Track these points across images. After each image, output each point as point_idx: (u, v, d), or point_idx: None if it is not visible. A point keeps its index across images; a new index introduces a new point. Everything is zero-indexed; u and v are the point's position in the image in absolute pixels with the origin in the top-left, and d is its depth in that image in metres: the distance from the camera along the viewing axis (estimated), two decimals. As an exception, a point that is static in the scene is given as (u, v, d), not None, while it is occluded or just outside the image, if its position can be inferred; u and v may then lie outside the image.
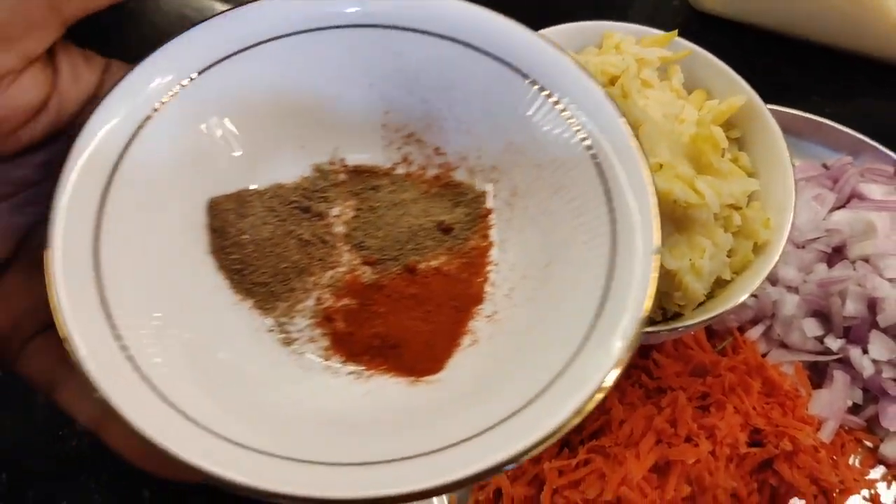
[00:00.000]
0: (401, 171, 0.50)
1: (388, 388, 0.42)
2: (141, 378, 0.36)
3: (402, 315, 0.45)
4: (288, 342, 0.44)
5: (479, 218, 0.48)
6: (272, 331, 0.44)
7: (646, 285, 0.39)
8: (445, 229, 0.48)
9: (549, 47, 0.45)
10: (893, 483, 0.61)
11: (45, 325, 0.42)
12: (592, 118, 0.44)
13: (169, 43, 0.43)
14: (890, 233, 0.67)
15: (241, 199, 0.46)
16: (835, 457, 0.61)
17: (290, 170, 0.48)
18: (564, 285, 0.42)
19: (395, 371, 0.43)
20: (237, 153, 0.46)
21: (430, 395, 0.41)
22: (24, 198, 0.42)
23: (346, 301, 0.46)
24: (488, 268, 0.47)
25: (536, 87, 0.45)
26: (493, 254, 0.47)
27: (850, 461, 0.62)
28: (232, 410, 0.37)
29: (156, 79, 0.42)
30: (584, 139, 0.44)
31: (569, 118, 0.45)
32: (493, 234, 0.48)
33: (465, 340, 0.44)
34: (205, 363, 0.39)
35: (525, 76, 0.46)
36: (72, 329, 0.35)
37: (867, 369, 0.63)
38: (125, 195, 0.40)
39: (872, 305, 0.66)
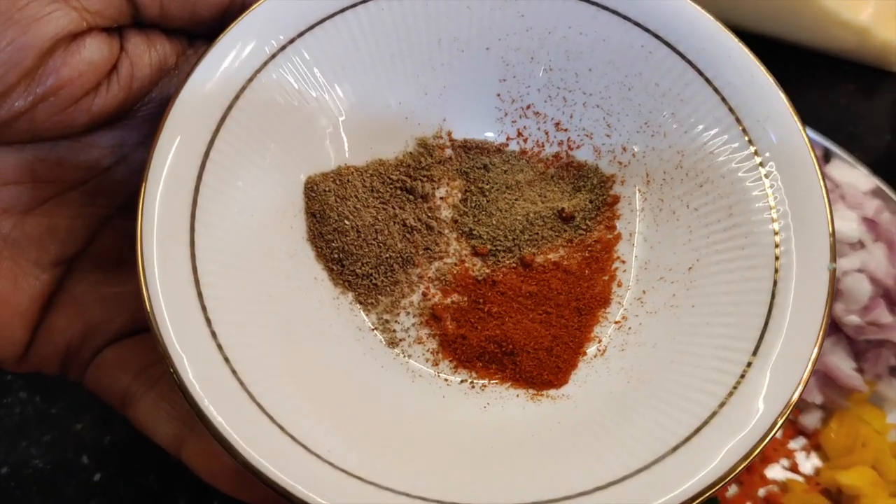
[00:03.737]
0: (514, 147, 0.44)
1: (506, 402, 0.38)
2: (249, 397, 0.32)
3: (519, 316, 0.40)
4: (393, 343, 0.39)
5: (604, 206, 0.43)
6: (375, 329, 0.40)
7: (820, 306, 0.33)
8: (566, 217, 0.42)
9: (707, 20, 0.39)
10: (812, 452, 0.61)
11: (118, 335, 0.38)
12: (754, 106, 0.38)
13: (256, 11, 0.37)
14: None
15: (340, 178, 0.41)
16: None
17: (391, 144, 0.43)
18: (714, 294, 0.37)
19: (513, 381, 0.39)
20: (342, 118, 0.41)
21: (555, 414, 0.36)
22: (96, 185, 0.38)
23: (454, 297, 0.41)
24: (615, 265, 0.41)
25: (687, 63, 0.39)
26: (622, 249, 0.42)
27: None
28: (339, 430, 0.33)
29: (243, 52, 0.37)
30: (742, 128, 0.38)
31: (725, 102, 0.38)
32: (622, 225, 0.42)
33: (591, 349, 0.39)
34: (308, 373, 0.35)
35: (672, 48, 0.39)
36: (177, 348, 0.31)
37: None
38: (219, 184, 0.36)
39: None
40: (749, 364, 0.33)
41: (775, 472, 0.60)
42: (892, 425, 0.60)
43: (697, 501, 0.30)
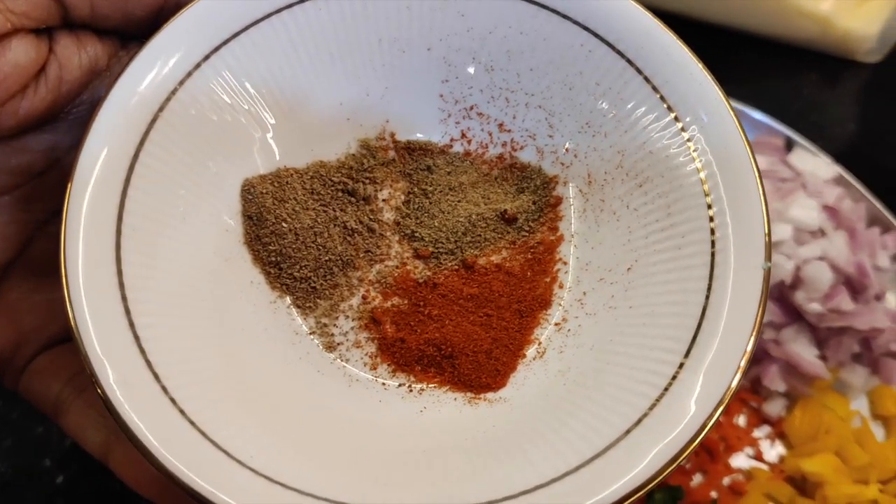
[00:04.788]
0: (458, 149, 0.44)
1: (443, 406, 0.37)
2: (170, 402, 0.31)
3: (459, 319, 0.39)
4: (330, 347, 0.39)
5: (547, 207, 0.42)
6: (313, 333, 0.39)
7: (753, 305, 0.33)
8: (509, 219, 0.42)
9: (647, 18, 0.38)
10: (777, 440, 0.61)
11: (51, 342, 0.37)
12: (691, 103, 0.37)
13: (190, 11, 0.37)
14: (769, 200, 0.62)
15: (279, 181, 0.40)
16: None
17: (333, 145, 0.43)
18: (652, 294, 0.37)
19: (451, 385, 0.38)
20: (272, 121, 0.40)
21: (492, 418, 0.36)
22: (30, 190, 0.37)
23: (395, 300, 0.40)
24: (557, 266, 0.41)
25: (626, 61, 0.39)
26: (564, 250, 0.41)
27: (738, 421, 0.62)
28: (268, 435, 0.33)
29: (168, 59, 0.36)
30: (679, 126, 0.37)
31: (663, 100, 0.38)
32: (564, 226, 0.42)
33: (531, 352, 0.39)
34: (238, 378, 0.35)
35: (612, 46, 0.39)
36: (97, 353, 0.31)
37: None
38: (148, 186, 0.35)
39: None
40: (681, 365, 0.33)
41: (740, 460, 0.60)
42: (856, 412, 0.61)
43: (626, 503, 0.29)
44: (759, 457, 0.61)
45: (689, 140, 0.37)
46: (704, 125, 0.37)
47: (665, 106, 0.38)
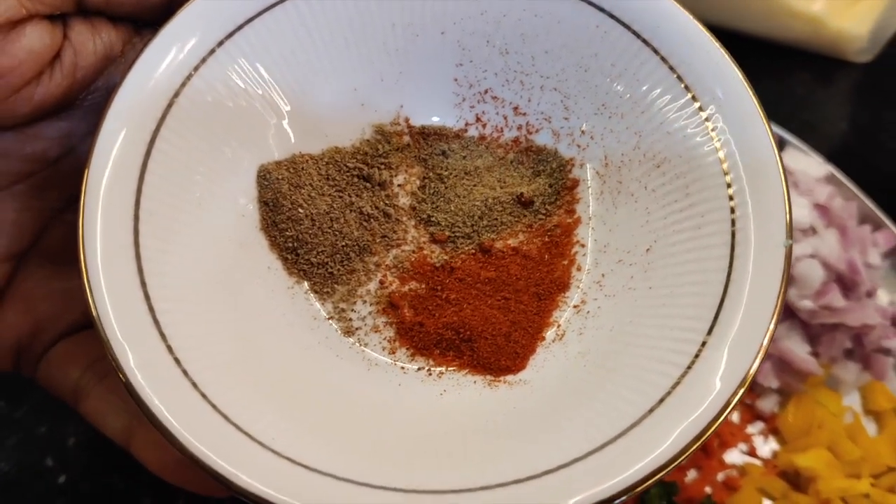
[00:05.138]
0: (473, 133, 0.44)
1: (463, 389, 0.37)
2: (191, 386, 0.31)
3: (477, 303, 0.39)
4: (349, 332, 0.39)
5: (564, 190, 0.42)
6: (331, 318, 0.39)
7: (775, 282, 0.33)
8: (525, 202, 0.42)
9: (666, 1, 0.38)
10: (770, 436, 0.62)
11: (69, 329, 0.38)
12: (709, 83, 0.37)
13: None
14: None
15: (294, 167, 0.40)
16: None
17: (348, 131, 0.42)
18: (671, 276, 0.36)
19: (471, 368, 0.38)
20: (286, 107, 0.40)
21: (512, 400, 0.36)
22: (44, 178, 0.37)
23: (412, 285, 0.40)
24: (574, 248, 0.41)
25: (642, 42, 0.38)
26: (581, 233, 0.41)
27: (732, 417, 0.62)
28: (288, 418, 0.33)
29: (182, 46, 0.36)
30: (697, 106, 0.37)
31: (680, 81, 0.38)
32: (581, 209, 0.42)
33: (550, 334, 0.39)
34: (257, 361, 0.35)
35: (627, 27, 0.39)
36: (118, 338, 0.31)
37: None
38: (165, 172, 0.35)
39: None
40: (704, 343, 0.32)
41: (734, 456, 0.61)
42: (848, 408, 0.61)
43: (649, 482, 0.29)
44: (752, 452, 0.61)
45: (707, 120, 0.37)
46: (722, 105, 0.37)
47: (682, 86, 0.38)
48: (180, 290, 0.34)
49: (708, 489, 0.58)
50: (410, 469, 0.31)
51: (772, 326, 0.32)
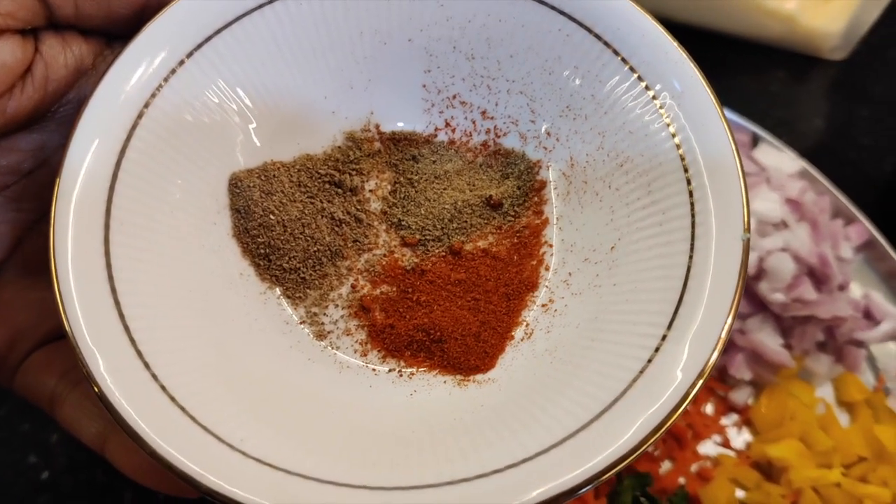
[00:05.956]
0: (443, 138, 0.45)
1: (433, 389, 0.38)
2: (160, 389, 0.31)
3: (447, 304, 0.40)
4: (321, 336, 0.39)
5: (531, 192, 0.43)
6: (303, 323, 0.39)
7: (734, 275, 0.33)
8: (494, 205, 0.42)
9: (622, 1, 0.39)
10: (743, 427, 0.63)
11: (45, 339, 0.38)
12: (669, 82, 0.38)
13: (173, 9, 0.38)
14: None
15: (266, 174, 0.41)
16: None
17: (319, 138, 0.43)
18: (635, 272, 0.37)
19: (441, 369, 0.38)
20: (257, 116, 0.41)
21: (480, 398, 0.36)
22: (19, 190, 0.38)
23: (384, 288, 0.41)
24: (543, 249, 0.41)
25: (603, 43, 0.39)
26: (549, 233, 0.42)
27: (705, 409, 0.63)
28: (258, 420, 0.33)
29: (152, 57, 0.37)
30: (657, 105, 0.38)
31: (640, 81, 0.38)
32: (549, 210, 0.42)
33: (518, 333, 0.39)
34: (228, 365, 0.35)
35: (589, 30, 0.40)
36: (88, 344, 0.31)
37: None
38: (135, 181, 0.36)
39: None
40: (664, 337, 0.33)
41: (707, 447, 0.62)
42: (820, 399, 0.62)
43: (610, 473, 0.30)
44: (726, 444, 0.62)
45: (667, 118, 0.38)
46: (683, 103, 0.38)
47: (643, 85, 0.39)
48: (151, 297, 0.35)
49: (682, 480, 0.59)
50: (378, 467, 0.32)
51: (730, 319, 0.32)
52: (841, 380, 0.63)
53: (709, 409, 0.63)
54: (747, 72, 0.83)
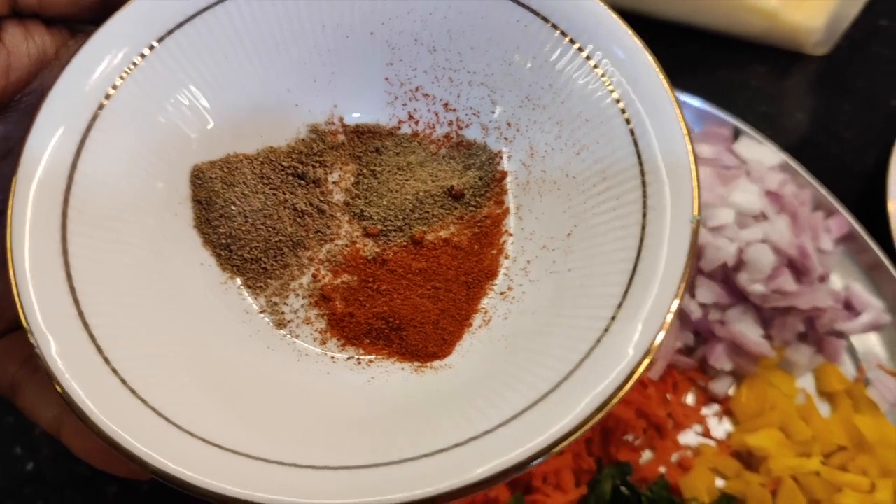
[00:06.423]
0: (406, 130, 0.45)
1: (391, 375, 0.38)
2: (111, 372, 0.32)
3: (408, 293, 0.40)
4: (280, 324, 0.40)
5: (493, 182, 0.43)
6: (263, 312, 0.40)
7: (682, 257, 0.34)
8: (456, 195, 0.43)
9: None
10: (724, 417, 0.63)
11: (8, 328, 0.39)
12: (624, 70, 0.38)
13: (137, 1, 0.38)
14: (713, 186, 0.65)
15: (228, 166, 0.41)
16: (668, 395, 0.62)
17: (283, 131, 0.44)
18: (589, 257, 0.37)
19: (399, 356, 0.39)
20: (220, 107, 0.41)
21: (436, 383, 0.37)
22: None
23: (345, 278, 0.41)
24: (503, 238, 0.42)
25: (560, 33, 0.40)
26: (509, 222, 0.42)
27: (686, 399, 0.64)
28: (211, 403, 0.34)
29: (114, 49, 0.37)
30: (612, 93, 0.38)
31: (596, 69, 0.39)
32: (509, 199, 0.42)
33: (477, 320, 0.39)
34: (185, 350, 0.36)
35: (546, 20, 0.40)
36: (41, 327, 0.32)
37: (695, 312, 0.63)
38: (95, 171, 0.36)
39: (698, 252, 0.62)
40: (613, 318, 0.33)
41: (688, 437, 0.62)
42: (801, 389, 0.62)
43: (555, 449, 0.30)
44: (706, 433, 0.62)
45: (621, 106, 0.38)
46: (636, 90, 0.38)
47: (598, 74, 0.39)
48: (108, 283, 0.35)
49: (662, 469, 0.59)
50: (322, 449, 0.32)
51: (677, 301, 0.33)
52: (821, 370, 0.63)
53: (689, 399, 0.63)
54: (729, 67, 0.83)
